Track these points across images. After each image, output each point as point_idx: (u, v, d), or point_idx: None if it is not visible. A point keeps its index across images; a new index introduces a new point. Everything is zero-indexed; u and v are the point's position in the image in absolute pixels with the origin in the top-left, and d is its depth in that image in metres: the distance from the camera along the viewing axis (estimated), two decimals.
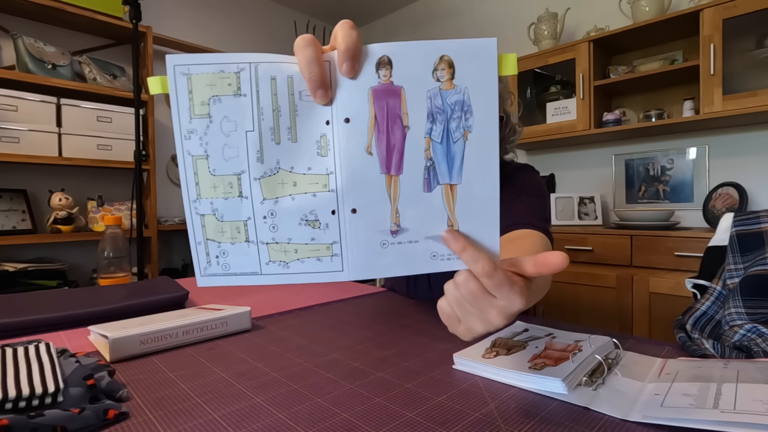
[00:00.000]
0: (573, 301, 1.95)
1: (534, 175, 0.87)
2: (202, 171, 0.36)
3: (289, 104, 0.36)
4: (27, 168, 2.15)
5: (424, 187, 0.37)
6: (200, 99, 0.35)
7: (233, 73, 0.35)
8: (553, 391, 0.41)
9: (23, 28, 2.14)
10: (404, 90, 0.36)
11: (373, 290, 0.96)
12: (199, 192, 0.36)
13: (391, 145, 0.36)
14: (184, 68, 0.35)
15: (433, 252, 0.38)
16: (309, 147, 0.36)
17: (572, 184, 2.50)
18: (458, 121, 0.36)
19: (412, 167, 0.37)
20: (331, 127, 0.36)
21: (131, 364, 0.51)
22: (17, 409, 0.35)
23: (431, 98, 0.36)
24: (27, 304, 0.71)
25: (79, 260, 2.31)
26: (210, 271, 0.37)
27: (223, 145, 0.36)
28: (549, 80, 2.39)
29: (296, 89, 0.36)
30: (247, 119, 0.36)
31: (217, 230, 0.37)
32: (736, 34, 1.79)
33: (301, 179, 0.37)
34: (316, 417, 0.38)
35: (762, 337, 0.48)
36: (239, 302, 0.85)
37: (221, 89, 0.35)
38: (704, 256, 0.70)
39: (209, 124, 0.36)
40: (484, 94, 0.36)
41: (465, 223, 0.37)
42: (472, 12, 2.93)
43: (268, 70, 0.35)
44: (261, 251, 0.37)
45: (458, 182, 0.37)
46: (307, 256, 0.37)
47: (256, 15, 3.16)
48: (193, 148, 0.36)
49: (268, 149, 0.36)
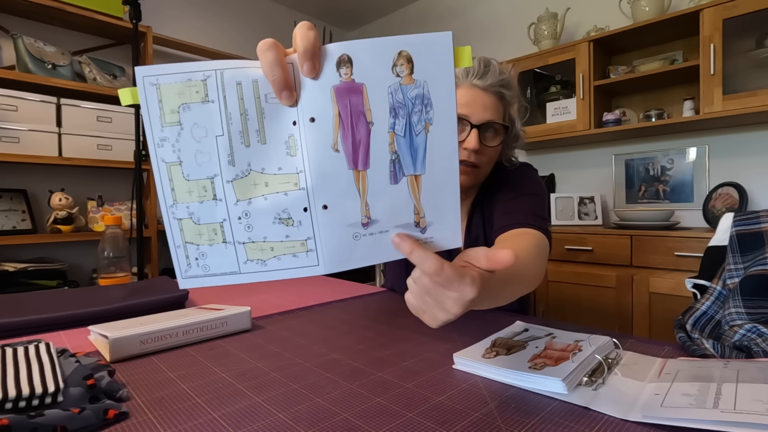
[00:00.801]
0: (573, 301, 1.95)
1: (532, 173, 0.86)
2: (176, 177, 0.37)
3: (256, 107, 0.37)
4: (27, 168, 2.15)
5: (391, 179, 0.39)
6: (170, 107, 0.36)
7: (200, 81, 0.36)
8: (553, 391, 0.41)
9: (23, 28, 2.14)
10: (366, 87, 0.37)
11: (373, 290, 0.96)
12: (175, 197, 0.37)
13: (357, 141, 0.38)
14: (152, 78, 0.36)
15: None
16: (278, 148, 0.37)
17: (572, 184, 2.50)
18: (419, 114, 0.38)
19: (378, 161, 0.38)
20: (297, 127, 0.37)
21: (131, 364, 0.51)
22: (17, 409, 0.35)
23: (392, 93, 0.37)
24: (27, 304, 0.71)
25: (79, 260, 2.31)
26: (191, 273, 0.39)
27: (195, 151, 0.37)
28: (549, 80, 2.39)
29: (262, 92, 0.37)
30: (217, 124, 0.37)
31: (194, 233, 0.38)
32: (736, 34, 1.79)
33: (273, 179, 0.38)
34: (316, 417, 0.38)
35: (762, 337, 0.48)
36: (239, 302, 0.85)
37: (189, 97, 0.36)
38: (704, 256, 0.70)
39: (180, 131, 0.37)
40: (442, 86, 0.37)
41: (429, 211, 0.39)
42: (472, 12, 2.93)
43: (234, 75, 0.36)
44: (238, 251, 0.39)
45: (422, 173, 0.39)
46: (283, 253, 0.39)
47: (256, 15, 3.16)
48: (166, 155, 0.37)
49: (239, 152, 0.37)
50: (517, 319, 0.68)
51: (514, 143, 0.85)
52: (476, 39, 2.91)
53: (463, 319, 0.70)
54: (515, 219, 0.72)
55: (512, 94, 0.77)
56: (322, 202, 0.38)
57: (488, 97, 0.73)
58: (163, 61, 2.66)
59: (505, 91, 0.75)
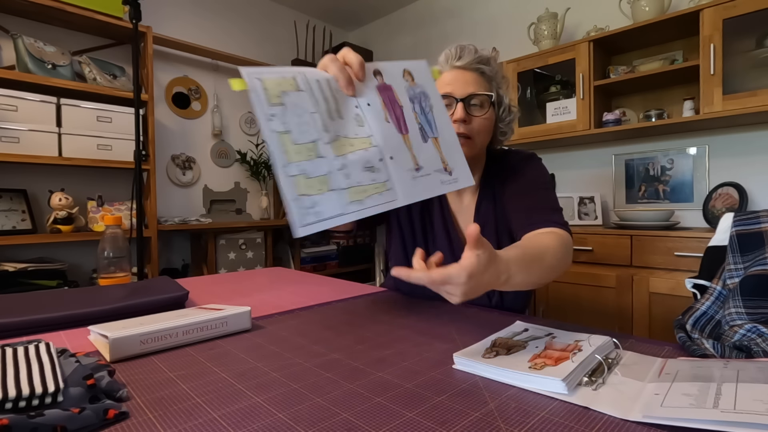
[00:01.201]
0: (573, 301, 1.95)
1: (539, 164, 0.90)
2: (287, 143, 0.48)
3: (331, 95, 0.54)
4: (27, 168, 2.15)
5: (422, 139, 0.60)
6: (274, 93, 0.49)
7: (291, 78, 0.52)
8: (553, 390, 0.41)
9: (23, 28, 2.14)
10: (393, 86, 0.60)
11: (373, 290, 0.96)
12: (289, 158, 0.48)
13: (398, 116, 0.59)
14: (256, 74, 0.49)
15: (441, 180, 0.60)
16: (351, 121, 0.54)
17: (572, 184, 2.50)
18: (424, 101, 0.62)
19: (413, 129, 0.60)
20: (360, 109, 0.56)
21: (131, 363, 0.51)
22: (17, 409, 0.35)
23: (407, 90, 0.61)
24: (27, 304, 0.71)
25: (79, 260, 2.31)
26: (306, 221, 0.47)
27: (298, 123, 0.50)
28: (549, 80, 2.39)
29: (333, 87, 0.55)
30: (310, 105, 0.51)
31: (306, 186, 0.48)
32: (736, 34, 1.79)
33: (355, 141, 0.53)
34: (316, 417, 0.38)
35: (762, 337, 0.48)
36: (239, 302, 0.85)
37: (286, 87, 0.50)
38: (704, 256, 0.70)
39: (285, 109, 0.49)
40: (429, 86, 0.64)
41: (450, 160, 0.62)
42: (472, 12, 2.93)
43: (313, 75, 0.54)
44: (342, 195, 0.50)
45: (438, 136, 0.62)
46: (372, 193, 0.52)
47: (256, 15, 3.16)
48: (276, 126, 0.48)
49: (329, 123, 0.52)
50: (517, 319, 0.68)
51: (507, 116, 0.90)
52: (476, 39, 2.91)
53: (464, 319, 0.70)
54: (537, 217, 0.79)
55: (492, 69, 0.86)
56: (389, 154, 0.55)
57: (468, 74, 0.84)
58: (163, 61, 2.67)
59: (484, 66, 0.85)
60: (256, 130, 3.16)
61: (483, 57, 0.84)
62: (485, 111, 0.83)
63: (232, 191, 2.99)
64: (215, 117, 2.88)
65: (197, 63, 2.83)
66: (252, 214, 3.08)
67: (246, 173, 3.08)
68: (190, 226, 2.50)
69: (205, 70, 2.88)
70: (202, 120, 2.87)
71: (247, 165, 3.02)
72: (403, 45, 3.39)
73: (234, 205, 2.99)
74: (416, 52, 3.28)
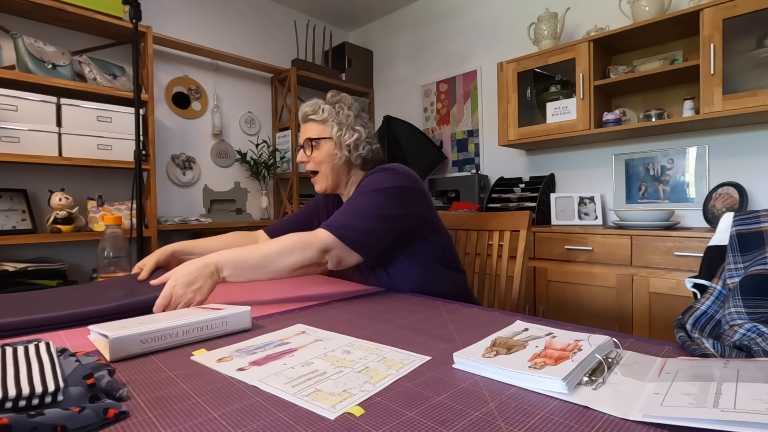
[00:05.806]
0: (573, 301, 1.95)
1: (378, 176, 0.98)
2: None
3: None
4: (27, 168, 2.15)
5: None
6: None
7: None
8: (554, 390, 0.41)
9: (23, 28, 2.14)
10: None
11: (373, 290, 0.96)
12: None
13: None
14: None
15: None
16: None
17: (572, 184, 2.50)
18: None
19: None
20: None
21: (131, 363, 0.51)
22: (17, 408, 0.35)
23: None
24: (27, 304, 0.71)
25: (79, 260, 2.31)
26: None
27: None
28: (549, 80, 2.39)
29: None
30: None
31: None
32: (736, 34, 1.79)
33: None
34: (316, 416, 0.38)
35: (762, 337, 0.48)
36: (239, 302, 0.85)
37: None
38: (704, 255, 0.70)
39: None
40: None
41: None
42: (472, 12, 2.93)
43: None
44: None
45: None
46: None
47: (256, 15, 3.16)
48: None
49: None
50: (517, 318, 0.68)
51: (360, 144, 1.04)
52: (476, 39, 2.91)
53: (464, 318, 0.70)
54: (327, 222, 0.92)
55: (323, 116, 1.04)
56: None
57: (304, 126, 1.08)
58: (163, 61, 2.66)
59: (314, 116, 1.05)
60: (256, 130, 3.16)
61: (313, 109, 1.05)
62: (318, 150, 1.04)
63: (232, 191, 2.99)
64: (215, 117, 2.88)
65: (197, 63, 2.83)
66: (252, 214, 3.08)
67: (246, 173, 3.08)
68: (190, 226, 2.50)
69: (205, 70, 2.88)
70: (202, 120, 2.87)
71: (247, 165, 3.01)
72: (403, 45, 3.39)
73: (234, 205, 2.99)
74: (416, 52, 3.28)
